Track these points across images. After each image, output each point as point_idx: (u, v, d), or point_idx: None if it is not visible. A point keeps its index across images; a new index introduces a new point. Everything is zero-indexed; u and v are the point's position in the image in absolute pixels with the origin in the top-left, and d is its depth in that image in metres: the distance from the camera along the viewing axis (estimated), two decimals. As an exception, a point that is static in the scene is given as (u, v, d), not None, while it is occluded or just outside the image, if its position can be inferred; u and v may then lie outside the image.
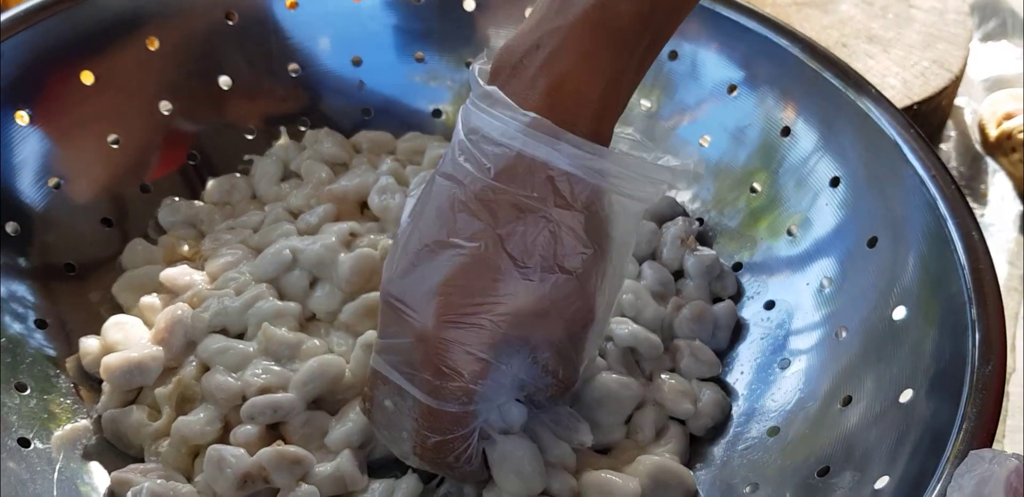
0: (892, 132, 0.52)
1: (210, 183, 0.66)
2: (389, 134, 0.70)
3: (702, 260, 0.60)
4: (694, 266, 0.60)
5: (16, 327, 0.54)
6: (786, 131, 0.58)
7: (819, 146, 0.56)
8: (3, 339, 0.52)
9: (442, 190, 0.43)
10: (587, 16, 0.42)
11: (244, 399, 0.51)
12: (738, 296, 0.60)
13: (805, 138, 0.57)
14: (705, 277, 0.60)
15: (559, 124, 0.42)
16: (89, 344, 0.55)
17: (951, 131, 0.84)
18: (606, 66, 0.43)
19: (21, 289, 0.55)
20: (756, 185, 0.61)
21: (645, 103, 0.66)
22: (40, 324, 0.55)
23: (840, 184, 0.55)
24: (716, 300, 0.60)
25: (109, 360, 0.53)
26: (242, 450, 0.49)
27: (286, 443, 0.50)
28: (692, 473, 0.51)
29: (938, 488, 0.39)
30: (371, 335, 0.53)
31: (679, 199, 0.65)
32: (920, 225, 0.49)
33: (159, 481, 0.48)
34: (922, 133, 0.52)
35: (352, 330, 0.56)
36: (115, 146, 0.62)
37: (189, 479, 0.51)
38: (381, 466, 0.52)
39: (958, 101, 0.84)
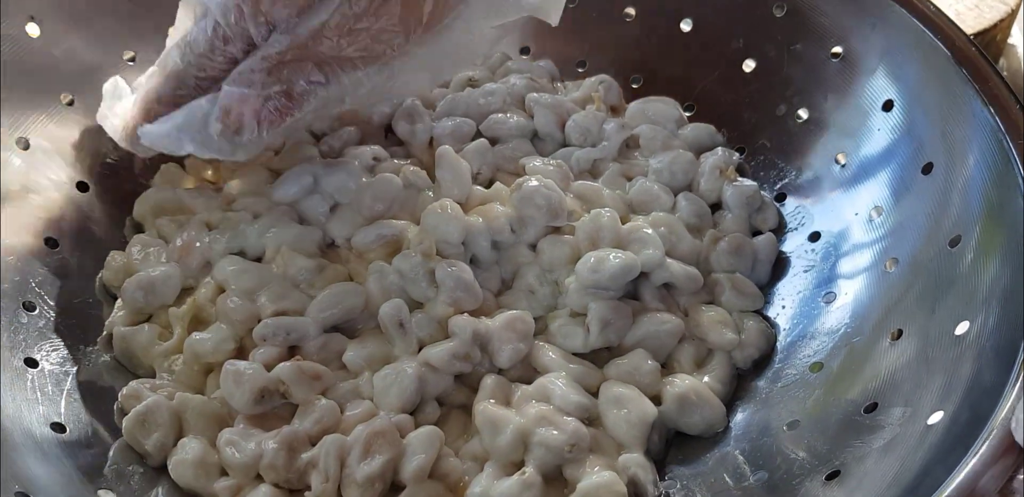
0: (951, 52, 0.48)
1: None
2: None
3: (742, 191, 0.57)
4: (733, 197, 0.57)
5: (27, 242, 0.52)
6: (836, 53, 0.55)
7: (871, 68, 0.53)
8: (11, 257, 0.50)
9: None
10: None
11: (259, 322, 0.49)
12: (780, 229, 0.57)
13: (857, 59, 0.54)
14: (745, 209, 0.57)
15: None
16: (107, 262, 0.54)
17: (1002, 71, 0.80)
18: None
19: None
20: (801, 111, 0.57)
21: (684, 27, 0.62)
22: (50, 242, 0.53)
23: (894, 107, 0.51)
24: (756, 234, 0.57)
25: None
26: (259, 364, 0.47)
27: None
28: (723, 405, 0.49)
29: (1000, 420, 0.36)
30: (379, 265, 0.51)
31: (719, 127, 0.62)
32: (980, 150, 0.46)
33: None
34: (984, 52, 0.48)
35: (364, 257, 0.53)
36: (131, 64, 0.59)
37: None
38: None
39: (1012, 40, 0.80)
